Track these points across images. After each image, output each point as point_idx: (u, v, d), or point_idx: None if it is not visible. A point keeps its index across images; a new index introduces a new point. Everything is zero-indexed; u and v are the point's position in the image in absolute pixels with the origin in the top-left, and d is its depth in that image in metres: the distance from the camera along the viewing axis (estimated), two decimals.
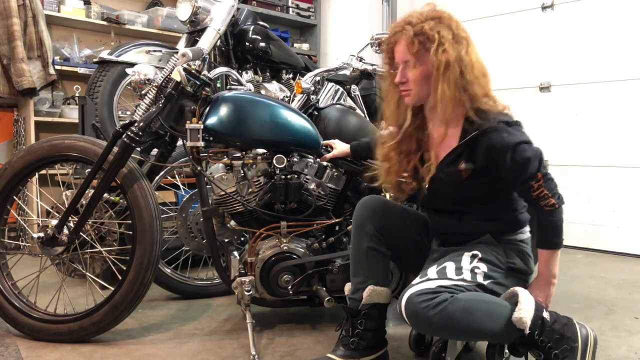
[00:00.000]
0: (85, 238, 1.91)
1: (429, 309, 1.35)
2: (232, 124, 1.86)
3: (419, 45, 1.47)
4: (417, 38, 1.46)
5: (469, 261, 1.48)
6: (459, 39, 1.47)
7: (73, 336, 1.85)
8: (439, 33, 1.45)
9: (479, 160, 1.47)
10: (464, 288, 1.42)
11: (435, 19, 1.47)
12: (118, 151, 1.84)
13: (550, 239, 1.47)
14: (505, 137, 1.43)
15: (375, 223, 1.62)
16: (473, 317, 1.37)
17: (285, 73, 3.05)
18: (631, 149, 3.45)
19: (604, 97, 3.54)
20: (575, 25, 3.65)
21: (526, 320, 1.38)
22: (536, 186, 1.42)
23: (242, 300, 1.88)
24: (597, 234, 3.60)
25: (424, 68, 1.48)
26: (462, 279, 1.44)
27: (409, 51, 1.48)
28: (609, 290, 2.65)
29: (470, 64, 1.46)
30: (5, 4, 3.19)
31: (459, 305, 1.36)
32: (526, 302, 1.40)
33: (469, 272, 1.46)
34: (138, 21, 3.95)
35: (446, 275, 1.44)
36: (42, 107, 3.61)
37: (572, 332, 1.43)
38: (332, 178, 2.03)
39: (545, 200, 1.43)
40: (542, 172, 1.42)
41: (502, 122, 1.45)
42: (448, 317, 1.35)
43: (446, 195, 1.56)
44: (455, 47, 1.45)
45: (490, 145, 1.44)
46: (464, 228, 1.56)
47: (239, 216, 1.94)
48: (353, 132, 2.23)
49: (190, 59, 1.86)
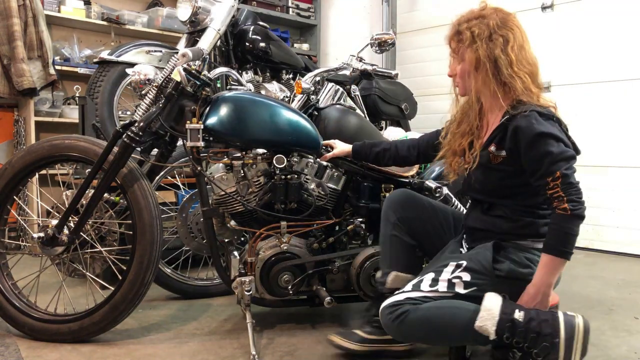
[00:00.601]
0: (86, 238, 1.91)
1: (391, 321, 1.48)
2: (232, 124, 1.86)
3: (458, 43, 1.58)
4: (457, 36, 1.58)
5: (451, 271, 1.53)
6: (495, 37, 1.52)
7: (73, 336, 1.85)
8: (472, 32, 1.52)
9: (507, 145, 1.50)
10: (432, 299, 1.49)
11: (479, 17, 1.55)
12: (118, 151, 1.84)
13: (553, 243, 1.43)
14: (533, 124, 1.45)
15: (397, 213, 1.73)
16: (431, 325, 1.46)
17: (285, 73, 3.05)
18: (631, 149, 3.46)
19: (604, 97, 3.55)
20: (575, 25, 3.66)
21: (487, 328, 1.41)
22: (552, 184, 1.41)
23: (242, 300, 1.88)
24: (597, 234, 3.60)
25: (464, 64, 1.58)
26: (434, 291, 1.50)
27: (451, 47, 1.61)
28: (609, 290, 2.65)
29: (508, 60, 1.51)
30: (6, 4, 3.19)
31: (418, 315, 1.46)
32: (486, 310, 1.42)
33: (446, 283, 1.51)
34: (138, 21, 3.95)
35: (419, 288, 1.52)
36: (42, 107, 3.61)
37: (553, 327, 1.41)
38: (332, 178, 2.03)
39: (558, 201, 1.41)
40: (562, 172, 1.40)
41: (535, 111, 1.47)
42: (408, 326, 1.47)
43: (479, 181, 1.60)
44: (488, 45, 1.51)
45: (516, 127, 1.47)
46: (487, 223, 1.59)
47: (239, 216, 1.94)
48: (353, 132, 2.23)
49: (191, 59, 1.86)
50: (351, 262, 1.99)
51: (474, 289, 1.50)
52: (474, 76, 1.55)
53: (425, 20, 4.48)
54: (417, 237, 1.74)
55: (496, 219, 1.58)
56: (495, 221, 1.58)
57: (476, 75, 1.55)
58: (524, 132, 1.45)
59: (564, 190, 1.40)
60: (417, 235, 1.74)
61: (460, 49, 1.57)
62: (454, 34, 1.59)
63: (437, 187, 2.04)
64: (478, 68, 1.53)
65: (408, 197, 1.77)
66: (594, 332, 2.02)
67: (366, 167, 2.04)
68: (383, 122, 3.54)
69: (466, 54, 1.55)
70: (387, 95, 3.46)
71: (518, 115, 1.48)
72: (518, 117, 1.47)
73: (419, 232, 1.74)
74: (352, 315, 2.23)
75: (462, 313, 1.45)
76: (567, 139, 1.48)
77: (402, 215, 1.73)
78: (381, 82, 3.43)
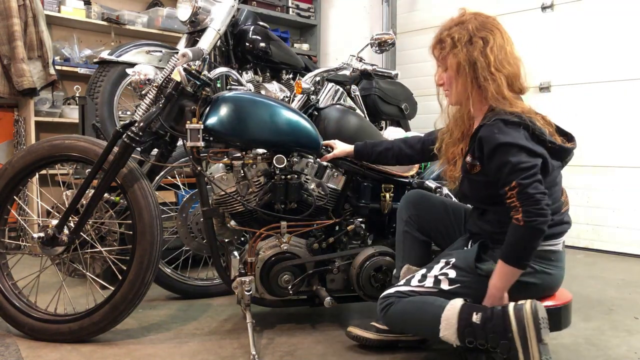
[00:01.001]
0: (86, 238, 1.91)
1: (380, 310, 1.62)
2: (232, 124, 1.86)
3: (440, 51, 1.59)
4: (439, 45, 1.59)
5: (440, 268, 1.60)
6: (474, 39, 1.52)
7: (73, 336, 1.85)
8: (453, 38, 1.53)
9: (476, 155, 1.53)
10: (417, 293, 1.57)
11: (458, 24, 1.56)
12: (118, 151, 1.84)
13: (506, 251, 1.46)
14: (494, 134, 1.45)
15: (409, 211, 1.81)
16: (406, 318, 1.56)
17: (285, 73, 3.05)
18: (631, 149, 3.46)
19: (604, 97, 3.55)
20: (575, 26, 3.66)
21: (449, 337, 1.46)
22: (509, 194, 1.42)
23: (242, 300, 1.88)
24: (597, 234, 3.61)
25: (449, 71, 1.59)
26: (421, 286, 1.59)
27: (434, 56, 1.62)
28: (609, 290, 2.65)
29: (486, 62, 1.51)
30: (6, 4, 3.19)
31: (398, 308, 1.57)
32: (445, 320, 1.46)
33: (433, 279, 1.59)
34: (138, 21, 3.95)
35: (409, 283, 1.62)
36: (42, 107, 3.61)
37: (504, 322, 1.40)
38: (332, 178, 2.03)
39: (514, 211, 1.42)
40: (518, 182, 1.40)
41: (500, 120, 1.47)
42: (390, 317, 1.60)
43: (467, 190, 1.63)
44: (468, 49, 1.52)
45: (480, 138, 1.49)
46: (478, 227, 1.64)
47: (239, 216, 1.94)
48: (353, 132, 2.23)
49: (191, 59, 1.86)
50: (351, 262, 1.99)
51: (458, 285, 1.55)
52: (455, 81, 1.56)
53: (425, 20, 4.48)
54: (427, 233, 1.81)
55: (491, 224, 1.60)
56: (484, 225, 1.62)
57: (457, 80, 1.56)
58: (486, 142, 1.47)
59: (520, 200, 1.40)
60: (427, 232, 1.81)
61: (443, 56, 1.58)
62: (436, 42, 1.60)
63: (437, 187, 2.04)
64: (459, 73, 1.54)
65: (420, 196, 1.84)
66: (594, 332, 2.03)
67: (366, 167, 2.04)
68: (383, 122, 3.54)
69: (448, 60, 1.56)
70: (387, 95, 3.46)
71: (483, 126, 1.49)
72: (483, 128, 1.49)
73: (429, 229, 1.81)
74: (352, 315, 2.23)
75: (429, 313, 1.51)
76: (536, 145, 1.46)
77: (413, 213, 1.80)
78: (381, 82, 3.43)
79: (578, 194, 3.62)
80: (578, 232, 3.65)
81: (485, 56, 1.51)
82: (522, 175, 1.41)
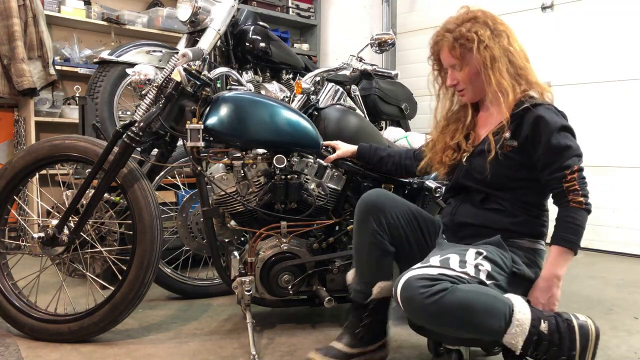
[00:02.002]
0: (86, 238, 1.91)
1: (426, 296, 1.29)
2: (232, 124, 1.86)
3: (461, 48, 1.55)
4: (458, 42, 1.55)
5: (474, 257, 1.42)
6: (497, 32, 1.54)
7: (73, 336, 1.85)
8: (476, 32, 1.52)
9: (522, 134, 1.49)
10: (467, 280, 1.36)
11: (471, 20, 1.55)
12: (118, 151, 1.84)
13: (566, 236, 1.43)
14: (555, 116, 1.48)
15: (377, 217, 1.59)
16: (470, 310, 1.30)
17: (285, 73, 3.05)
18: (631, 149, 3.46)
19: (604, 97, 3.55)
20: (575, 26, 3.66)
21: (516, 343, 1.34)
22: (569, 177, 1.43)
23: (242, 300, 1.88)
24: (597, 234, 3.60)
25: (470, 68, 1.56)
26: (465, 272, 1.37)
27: (452, 56, 1.57)
28: (609, 290, 2.65)
29: (517, 52, 1.54)
30: (6, 4, 3.19)
31: (458, 295, 1.30)
32: (519, 325, 1.33)
33: (473, 267, 1.39)
34: (138, 21, 3.95)
35: (449, 265, 1.38)
36: (42, 107, 3.61)
37: (571, 339, 1.37)
38: (332, 178, 2.03)
39: (574, 194, 1.43)
40: (579, 167, 1.44)
41: (553, 105, 1.52)
42: (444, 307, 1.29)
43: (479, 169, 1.55)
44: (497, 41, 1.53)
45: (540, 117, 1.47)
46: (481, 218, 1.55)
47: (239, 216, 1.94)
48: (353, 132, 2.22)
49: (191, 59, 1.86)
50: (351, 262, 1.98)
51: (492, 282, 1.41)
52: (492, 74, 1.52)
53: (425, 20, 4.48)
54: (396, 243, 1.61)
55: (492, 212, 1.54)
56: (490, 215, 1.54)
57: (493, 72, 1.52)
58: (547, 123, 1.46)
59: (580, 184, 1.43)
60: (396, 242, 1.61)
61: (464, 53, 1.55)
62: (452, 42, 1.55)
63: (437, 187, 2.04)
64: (494, 64, 1.52)
65: (386, 197, 1.62)
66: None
67: (366, 167, 2.04)
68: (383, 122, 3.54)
69: (474, 56, 1.53)
70: (387, 95, 3.47)
71: (539, 107, 1.49)
72: (539, 108, 1.48)
73: (397, 237, 1.61)
74: None
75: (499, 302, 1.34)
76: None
77: (382, 219, 1.58)
78: (381, 82, 3.43)
79: None
80: None
81: (514, 47, 1.55)
82: (581, 161, 1.46)
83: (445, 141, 1.67)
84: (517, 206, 1.53)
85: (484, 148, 1.55)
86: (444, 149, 1.67)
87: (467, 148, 1.62)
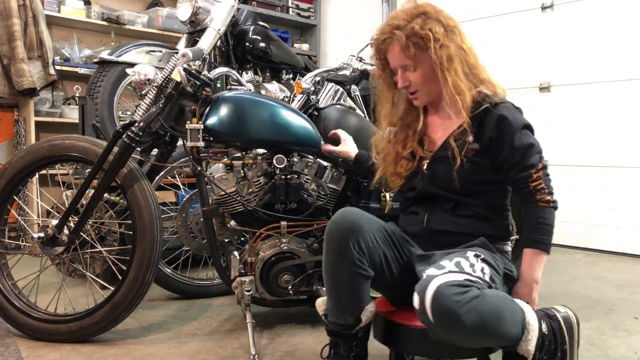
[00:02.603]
0: (86, 238, 1.91)
1: (462, 305, 1.16)
2: (232, 124, 1.86)
3: (415, 48, 1.43)
4: (411, 41, 1.43)
5: (476, 260, 1.34)
6: (450, 28, 1.45)
7: (73, 336, 1.85)
8: (431, 30, 1.41)
9: (485, 136, 1.42)
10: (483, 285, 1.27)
11: (421, 15, 1.44)
12: (118, 151, 1.84)
13: (539, 238, 1.38)
14: (517, 115, 1.43)
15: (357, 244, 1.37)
16: (500, 317, 1.22)
17: (285, 73, 3.05)
18: (631, 149, 3.46)
19: (604, 97, 3.55)
20: (575, 25, 3.66)
21: (531, 349, 1.28)
22: (535, 176, 1.38)
23: (242, 300, 1.88)
24: (597, 234, 3.60)
25: (425, 68, 1.45)
26: (479, 277, 1.27)
27: (405, 56, 1.45)
28: (609, 290, 2.65)
29: (469, 50, 1.47)
30: (6, 4, 3.19)
31: (489, 302, 1.20)
32: (532, 330, 1.28)
33: (480, 270, 1.30)
34: (138, 21, 3.96)
35: (464, 270, 1.26)
36: (42, 107, 3.61)
37: (561, 334, 1.35)
38: (332, 178, 2.03)
39: (541, 193, 1.37)
40: (543, 164, 1.40)
41: (509, 103, 1.47)
42: (480, 315, 1.18)
43: (444, 177, 1.45)
44: (451, 39, 1.44)
45: (502, 116, 1.41)
46: (456, 224, 1.45)
47: (239, 216, 1.94)
48: (353, 132, 2.22)
49: (191, 59, 1.86)
50: None
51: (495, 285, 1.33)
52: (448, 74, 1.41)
53: None
54: (374, 266, 1.41)
55: (466, 219, 1.46)
56: (465, 222, 1.46)
57: (449, 73, 1.42)
58: (510, 122, 1.40)
59: (546, 182, 1.38)
60: (375, 264, 1.41)
61: (418, 53, 1.43)
62: (405, 41, 1.42)
63: None
64: (450, 64, 1.42)
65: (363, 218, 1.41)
66: (594, 332, 2.02)
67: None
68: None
69: (428, 55, 1.43)
70: None
71: (498, 106, 1.42)
72: (499, 107, 1.42)
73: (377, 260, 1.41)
74: None
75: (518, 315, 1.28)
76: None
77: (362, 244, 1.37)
78: None
79: (578, 194, 3.62)
80: (578, 232, 3.65)
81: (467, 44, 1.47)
82: (542, 158, 1.41)
83: (397, 151, 1.56)
84: (488, 210, 1.47)
85: (447, 154, 1.45)
86: (395, 159, 1.56)
87: (424, 154, 1.52)
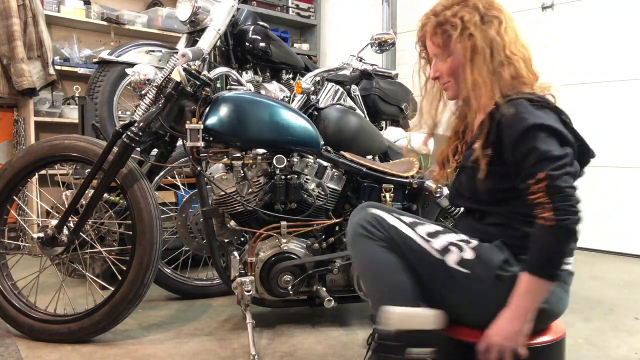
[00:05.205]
0: (85, 238, 1.91)
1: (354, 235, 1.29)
2: (232, 124, 1.86)
3: (443, 35, 1.34)
4: (440, 28, 1.34)
5: (458, 239, 1.27)
6: (488, 19, 1.31)
7: (73, 336, 1.85)
8: (461, 18, 1.31)
9: (490, 140, 1.27)
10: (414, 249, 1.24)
11: (461, 3, 1.33)
12: (118, 151, 1.84)
13: (532, 260, 1.17)
14: (520, 114, 1.21)
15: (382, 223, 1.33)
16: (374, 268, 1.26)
17: (285, 73, 3.05)
18: (631, 149, 3.45)
19: (604, 97, 3.54)
20: (575, 25, 3.65)
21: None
22: (534, 189, 1.15)
23: (242, 300, 1.87)
24: (597, 234, 3.60)
25: (453, 58, 1.35)
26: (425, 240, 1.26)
27: (434, 44, 1.37)
28: (609, 290, 2.65)
29: (501, 44, 1.30)
30: (5, 4, 3.19)
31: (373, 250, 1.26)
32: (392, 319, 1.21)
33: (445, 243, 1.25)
34: (138, 21, 3.95)
35: (414, 228, 1.27)
36: (42, 107, 3.61)
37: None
38: (332, 178, 2.03)
39: (541, 208, 1.14)
40: (547, 174, 1.14)
41: (524, 99, 1.25)
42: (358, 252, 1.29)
43: (466, 188, 1.35)
44: (483, 29, 1.30)
45: (500, 119, 1.24)
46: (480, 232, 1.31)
47: (239, 216, 1.94)
48: (353, 132, 2.23)
49: (190, 59, 1.86)
50: (351, 262, 1.98)
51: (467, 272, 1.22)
52: (469, 68, 1.30)
53: None
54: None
55: (490, 227, 1.31)
56: (489, 230, 1.30)
57: (472, 66, 1.30)
58: (509, 123, 1.21)
59: (548, 196, 1.14)
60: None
61: (447, 41, 1.34)
62: (435, 27, 1.35)
63: (437, 187, 2.04)
64: (474, 58, 1.29)
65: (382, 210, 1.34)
66: (595, 332, 2.02)
67: (366, 166, 2.04)
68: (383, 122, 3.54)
69: (458, 44, 1.32)
70: (387, 95, 3.46)
71: (504, 105, 1.24)
72: (504, 106, 1.23)
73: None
74: (352, 315, 2.23)
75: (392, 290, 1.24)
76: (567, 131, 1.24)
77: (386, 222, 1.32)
78: (381, 82, 3.42)
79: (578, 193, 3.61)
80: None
81: (502, 37, 1.30)
82: (552, 165, 1.15)
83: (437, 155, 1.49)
84: (516, 219, 1.27)
85: (464, 164, 1.36)
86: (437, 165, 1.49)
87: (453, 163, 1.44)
